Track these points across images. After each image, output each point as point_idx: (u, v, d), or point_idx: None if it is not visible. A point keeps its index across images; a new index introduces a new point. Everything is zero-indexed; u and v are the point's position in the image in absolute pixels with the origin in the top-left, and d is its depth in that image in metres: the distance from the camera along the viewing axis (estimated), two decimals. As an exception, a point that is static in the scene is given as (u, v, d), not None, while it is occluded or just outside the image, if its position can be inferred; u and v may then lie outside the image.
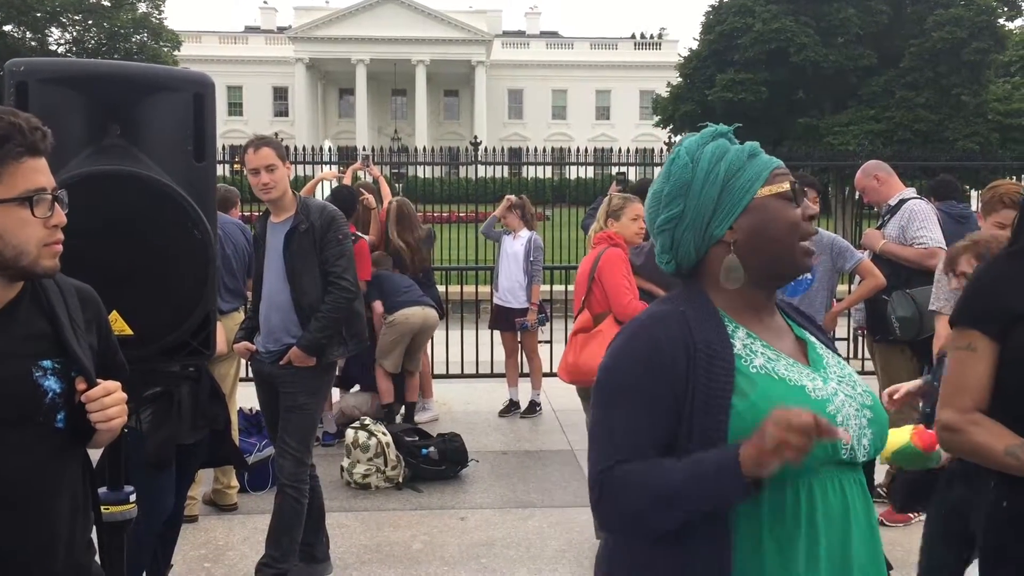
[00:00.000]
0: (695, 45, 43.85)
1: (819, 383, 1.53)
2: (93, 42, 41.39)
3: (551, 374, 8.32)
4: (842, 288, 6.56)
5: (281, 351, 4.08)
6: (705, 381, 1.48)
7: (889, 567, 1.67)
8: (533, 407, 7.48)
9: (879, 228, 5.37)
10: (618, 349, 1.57)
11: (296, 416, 4.09)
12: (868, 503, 1.55)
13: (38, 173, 1.70)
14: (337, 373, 6.56)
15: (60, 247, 1.74)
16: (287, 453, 4.09)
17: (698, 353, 1.49)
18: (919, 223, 5.12)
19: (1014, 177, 12.76)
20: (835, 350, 1.70)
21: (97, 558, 2.04)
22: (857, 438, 1.52)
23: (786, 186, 1.57)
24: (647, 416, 1.50)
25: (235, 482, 5.34)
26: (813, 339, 1.66)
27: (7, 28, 39.65)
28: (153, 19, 42.25)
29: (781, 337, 1.62)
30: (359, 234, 6.73)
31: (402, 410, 7.07)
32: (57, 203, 1.73)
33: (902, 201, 5.29)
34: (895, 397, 3.14)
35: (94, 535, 2.01)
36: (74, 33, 42.02)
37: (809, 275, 4.42)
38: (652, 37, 69.41)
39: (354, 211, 6.87)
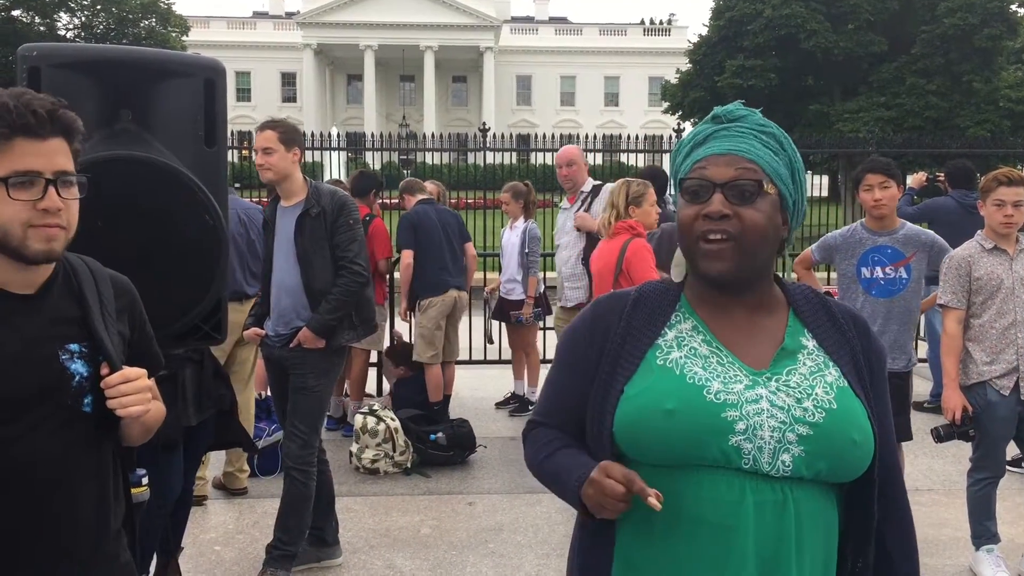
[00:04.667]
0: (705, 31, 43.65)
1: (736, 387, 1.45)
2: (102, 27, 41.42)
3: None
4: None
5: (291, 334, 4.10)
6: (611, 365, 1.53)
7: None
8: (525, 405, 7.17)
9: (581, 211, 5.71)
10: (570, 323, 1.70)
11: (304, 398, 4.11)
12: (789, 519, 1.43)
13: (29, 156, 1.66)
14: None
15: (54, 231, 1.69)
16: (293, 436, 4.11)
17: (616, 336, 1.55)
18: None
19: (1025, 165, 12.68)
20: (855, 360, 1.56)
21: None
22: (770, 450, 1.42)
23: (684, 184, 1.53)
24: (561, 387, 1.64)
25: (246, 466, 5.37)
26: (809, 344, 1.55)
27: (16, 13, 39.67)
28: (161, 4, 42.25)
29: (750, 335, 1.54)
30: (374, 213, 6.70)
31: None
32: (58, 187, 1.69)
33: (596, 186, 5.69)
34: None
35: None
36: (83, 18, 42.04)
37: (905, 274, 4.26)
38: (661, 23, 69.07)
39: (370, 192, 6.83)
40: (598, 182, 5.73)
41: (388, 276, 7.20)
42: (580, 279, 5.59)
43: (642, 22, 69.74)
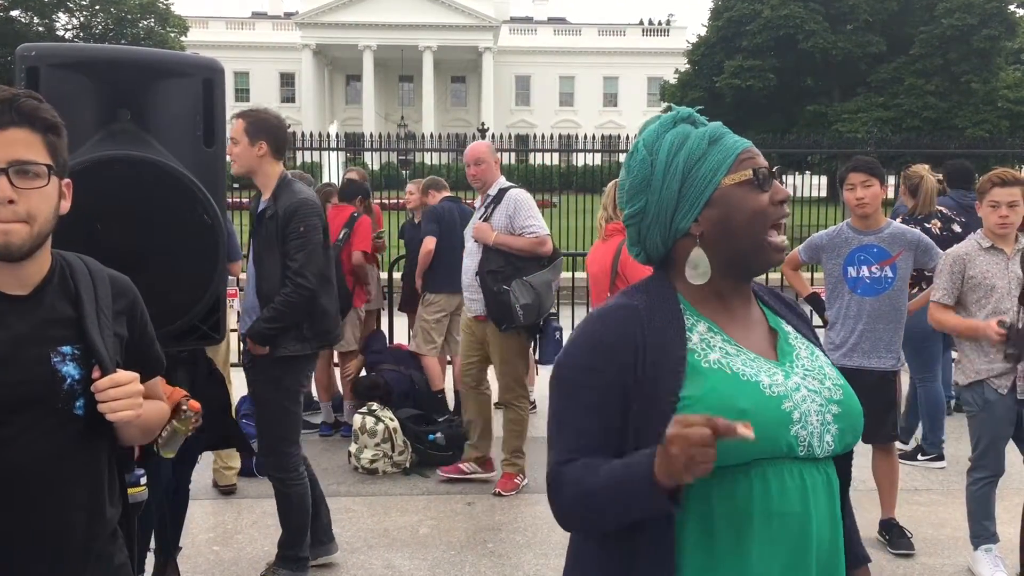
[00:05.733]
0: (703, 31, 43.70)
1: (779, 378, 1.48)
2: (100, 27, 41.42)
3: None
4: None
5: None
6: (653, 377, 1.44)
7: (866, 559, 1.69)
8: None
9: (482, 219, 5.26)
10: (569, 343, 1.56)
11: (258, 409, 4.04)
12: (833, 493, 1.52)
13: None
14: None
15: (8, 224, 1.65)
16: (260, 444, 4.08)
17: (647, 349, 1.46)
18: (525, 212, 5.15)
19: (1022, 165, 12.69)
20: (815, 340, 1.65)
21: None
22: (818, 434, 1.48)
23: (748, 173, 1.50)
24: (592, 413, 1.49)
25: (233, 464, 5.35)
26: (788, 328, 1.62)
27: (14, 13, 39.65)
28: (160, 4, 42.23)
29: (750, 328, 1.57)
30: (359, 213, 6.53)
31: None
32: (9, 177, 1.64)
33: (502, 191, 5.26)
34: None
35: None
36: (81, 18, 42.03)
37: (890, 273, 4.28)
38: (660, 23, 69.12)
39: (356, 198, 6.75)
40: (508, 185, 5.33)
41: (389, 275, 7.17)
42: (477, 291, 5.25)
43: (641, 22, 69.79)
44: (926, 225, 5.59)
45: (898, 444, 5.04)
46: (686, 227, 1.53)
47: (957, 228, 5.82)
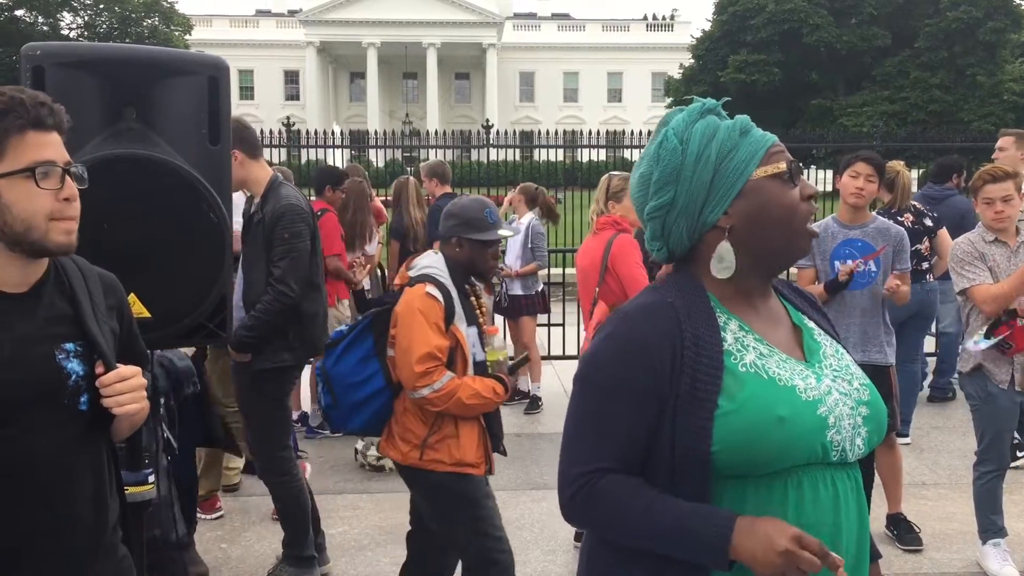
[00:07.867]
0: (708, 26, 43.61)
1: (812, 381, 1.45)
2: (104, 26, 41.51)
3: (564, 356, 8.35)
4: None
5: None
6: (691, 379, 1.41)
7: (878, 555, 1.66)
8: (535, 402, 7.13)
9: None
10: (603, 341, 1.49)
11: (244, 416, 4.00)
12: (860, 498, 1.50)
13: (44, 147, 1.69)
14: None
15: (73, 223, 1.72)
16: (251, 450, 4.09)
17: (686, 350, 1.42)
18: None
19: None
20: (835, 335, 1.63)
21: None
22: (850, 438, 1.45)
23: (783, 166, 1.48)
24: (630, 418, 1.43)
25: (234, 464, 5.35)
26: (811, 324, 1.59)
27: (19, 13, 39.76)
28: (164, 3, 42.31)
29: (776, 325, 1.54)
30: (327, 208, 6.30)
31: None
32: (70, 177, 1.72)
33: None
34: None
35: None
36: (85, 17, 42.14)
37: (873, 267, 4.26)
38: (664, 18, 69.01)
39: (324, 188, 6.56)
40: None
41: (380, 268, 7.18)
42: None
43: (644, 18, 69.69)
44: (899, 219, 5.64)
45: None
46: (715, 219, 1.49)
47: (929, 222, 5.90)
